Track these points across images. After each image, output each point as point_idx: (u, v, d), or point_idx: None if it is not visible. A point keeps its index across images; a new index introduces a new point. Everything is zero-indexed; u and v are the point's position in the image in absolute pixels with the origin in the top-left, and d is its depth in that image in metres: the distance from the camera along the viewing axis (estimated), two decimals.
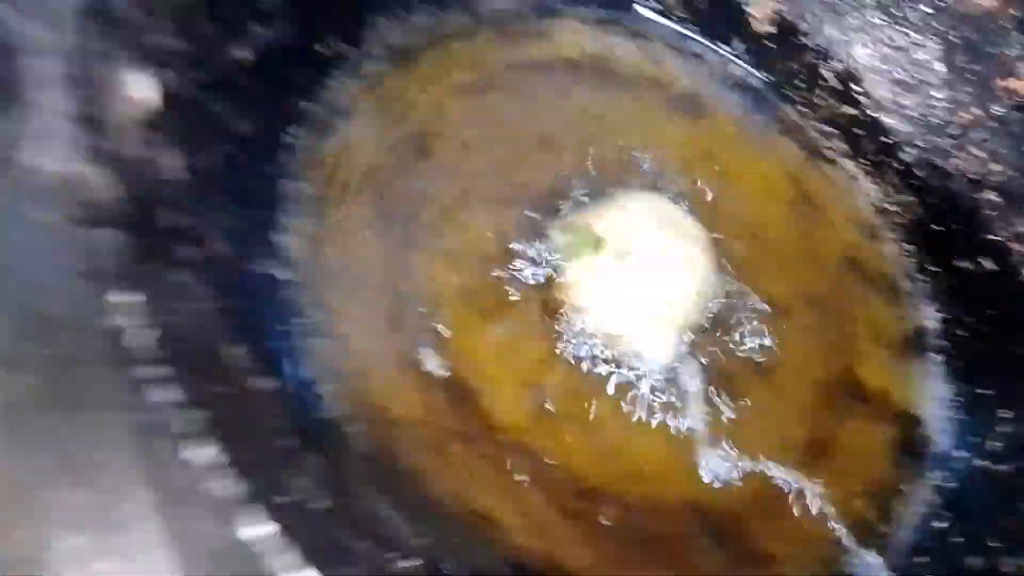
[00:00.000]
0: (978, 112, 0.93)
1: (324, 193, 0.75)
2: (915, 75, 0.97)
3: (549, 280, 0.79)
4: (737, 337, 0.84)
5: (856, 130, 1.01)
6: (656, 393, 0.78)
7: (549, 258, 0.80)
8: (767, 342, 0.85)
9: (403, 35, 0.87)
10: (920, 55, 0.97)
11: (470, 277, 0.78)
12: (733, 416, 0.80)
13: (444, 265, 0.77)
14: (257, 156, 0.70)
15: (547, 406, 0.75)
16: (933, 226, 0.96)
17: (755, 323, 0.86)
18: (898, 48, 0.98)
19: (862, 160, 1.01)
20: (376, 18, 0.85)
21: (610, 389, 0.77)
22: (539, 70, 0.93)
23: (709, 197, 0.92)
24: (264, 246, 0.68)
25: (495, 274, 0.79)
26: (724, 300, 0.85)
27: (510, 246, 0.80)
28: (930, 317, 0.93)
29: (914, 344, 0.92)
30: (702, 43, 1.04)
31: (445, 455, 0.69)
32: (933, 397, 0.89)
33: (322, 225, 0.74)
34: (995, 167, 0.93)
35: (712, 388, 0.81)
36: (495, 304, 0.77)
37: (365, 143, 0.80)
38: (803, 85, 1.03)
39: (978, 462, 0.83)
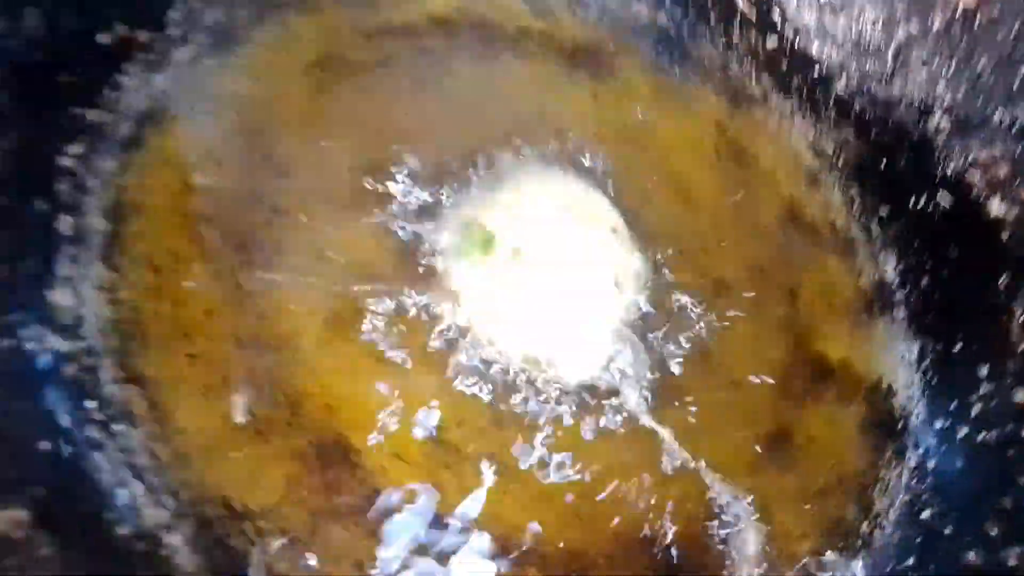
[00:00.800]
0: (917, 27, 0.80)
1: (118, 228, 0.58)
2: None
3: (432, 294, 0.65)
4: (672, 331, 0.71)
5: (782, 65, 0.88)
6: (584, 416, 0.65)
7: (430, 268, 0.66)
8: (708, 329, 0.73)
9: (223, 11, 0.70)
10: None
11: (332, 305, 0.63)
12: (677, 427, 0.68)
13: (298, 293, 0.62)
14: (20, 187, 0.52)
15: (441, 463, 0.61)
16: (880, 164, 0.84)
17: (692, 310, 0.73)
18: None
19: (792, 98, 0.87)
20: None
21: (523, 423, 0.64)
22: (403, 37, 0.78)
23: (623, 168, 0.78)
24: (35, 309, 0.52)
25: (363, 296, 0.64)
26: (651, 289, 0.72)
27: (378, 260, 0.65)
28: (888, 268, 0.82)
29: (874, 302, 0.81)
30: None
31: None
32: (901, 361, 0.78)
33: (119, 269, 0.57)
34: (942, 88, 0.80)
35: (648, 398, 0.68)
36: (370, 336, 0.63)
37: (177, 154, 0.63)
38: (717, 19, 0.89)
39: (962, 429, 0.72)
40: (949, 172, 0.79)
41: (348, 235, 0.65)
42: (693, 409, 0.70)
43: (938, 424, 0.73)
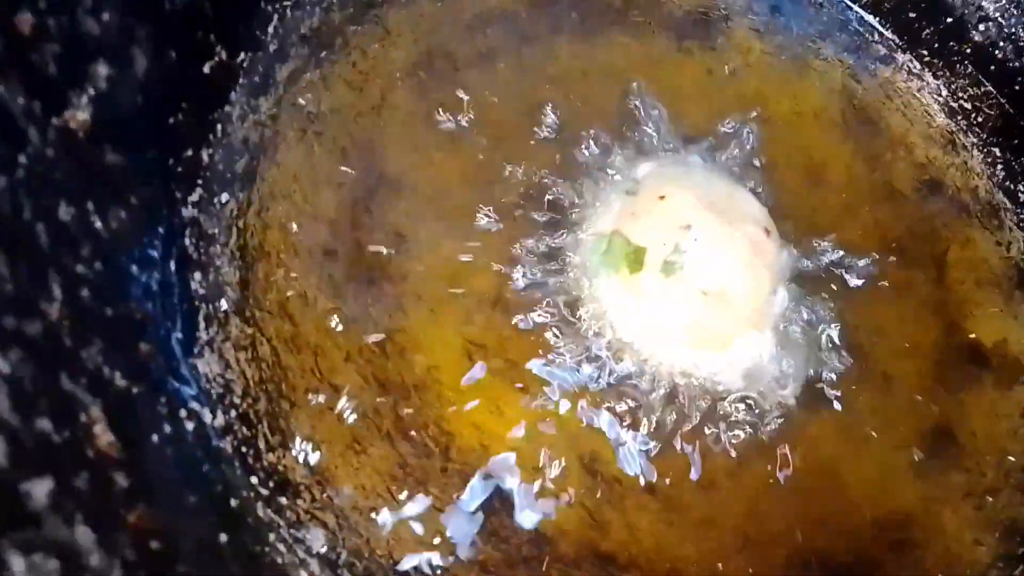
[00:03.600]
0: None
1: (247, 275, 0.54)
2: None
3: (578, 316, 0.60)
4: (822, 324, 0.66)
5: (910, 13, 0.80)
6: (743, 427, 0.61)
7: (571, 287, 0.61)
8: (855, 318, 0.68)
9: (319, 16, 0.63)
10: None
11: (469, 335, 0.59)
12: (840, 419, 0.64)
13: (433, 327, 0.58)
14: (148, 250, 0.48)
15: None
16: None
17: (837, 299, 0.68)
18: None
19: (923, 52, 0.80)
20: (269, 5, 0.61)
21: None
22: (502, 22, 0.71)
23: (749, 147, 0.71)
24: (188, 382, 0.48)
25: (501, 322, 0.59)
26: (798, 282, 0.66)
27: (512, 283, 0.60)
28: None
29: None
30: None
31: None
32: None
33: (256, 322, 0.53)
34: None
35: (802, 397, 0.63)
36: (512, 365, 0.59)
37: (293, 184, 0.58)
38: None
39: None
40: None
41: (478, 255, 0.61)
42: (845, 409, 0.65)
43: None
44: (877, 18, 0.80)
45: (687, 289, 0.57)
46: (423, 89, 0.66)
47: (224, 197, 0.54)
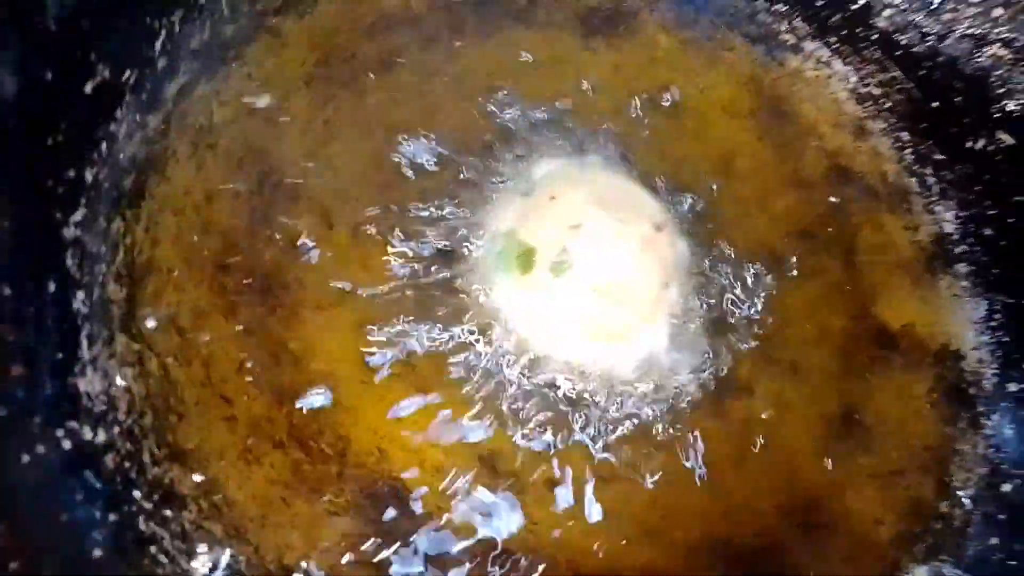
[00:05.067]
0: None
1: (134, 292, 0.54)
2: None
3: (471, 318, 0.61)
4: (725, 317, 0.67)
5: (817, 1, 0.80)
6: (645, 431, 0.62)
7: (464, 290, 0.62)
8: (762, 308, 0.68)
9: (209, 30, 0.64)
10: None
11: (366, 342, 0.59)
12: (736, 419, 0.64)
13: (329, 333, 0.59)
14: (27, 271, 0.48)
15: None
16: (931, 105, 0.77)
17: (743, 291, 0.69)
18: None
19: (831, 39, 0.80)
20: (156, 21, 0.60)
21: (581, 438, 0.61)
22: (405, 26, 0.71)
23: (653, 141, 0.72)
24: (65, 402, 0.48)
25: (398, 327, 0.60)
26: (700, 275, 0.67)
27: (406, 286, 0.61)
28: (948, 220, 0.76)
29: (935, 259, 0.76)
30: None
31: None
32: (969, 321, 0.73)
33: (143, 338, 0.54)
34: (998, 14, 0.73)
35: (707, 392, 0.64)
36: (411, 370, 0.59)
37: (184, 199, 0.58)
38: None
39: None
40: (1010, 107, 0.73)
41: (372, 260, 0.61)
42: (750, 396, 0.66)
43: (1012, 387, 0.69)
44: (785, 7, 0.80)
45: (578, 287, 0.58)
46: (322, 96, 0.67)
47: (110, 215, 0.55)
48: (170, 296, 0.56)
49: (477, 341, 0.60)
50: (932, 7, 0.76)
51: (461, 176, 0.65)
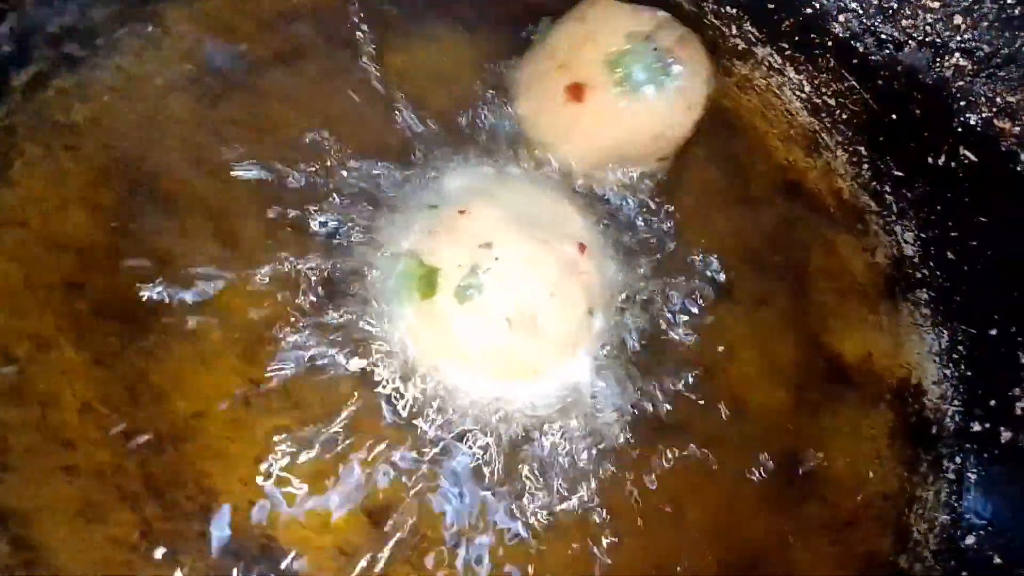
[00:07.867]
0: None
1: None
2: None
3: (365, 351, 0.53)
4: (660, 351, 0.60)
5: (768, 3, 0.74)
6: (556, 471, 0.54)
7: (359, 316, 0.54)
8: (702, 341, 0.61)
9: (75, 15, 0.55)
10: None
11: (242, 376, 0.51)
12: (670, 465, 0.57)
13: (197, 366, 0.51)
14: None
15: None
16: (889, 118, 0.71)
17: (682, 317, 0.62)
18: None
19: (783, 45, 0.74)
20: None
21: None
22: (308, 21, 0.63)
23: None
24: None
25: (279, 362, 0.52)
26: (631, 303, 0.60)
27: (293, 315, 0.53)
28: (906, 241, 0.70)
29: (892, 284, 0.70)
30: None
31: None
32: (929, 352, 0.67)
33: None
34: (959, 21, 0.68)
35: (627, 434, 0.57)
36: (291, 409, 0.51)
37: (31, 210, 0.50)
38: None
39: (1005, 432, 0.62)
40: (972, 121, 0.67)
41: (255, 284, 0.53)
42: (687, 438, 0.59)
43: (976, 427, 0.63)
44: (735, 9, 0.74)
45: (489, 315, 0.51)
46: (209, 97, 0.59)
47: None
48: (5, 324, 0.48)
49: (370, 375, 0.52)
50: (889, 12, 0.70)
51: (362, 185, 0.57)
